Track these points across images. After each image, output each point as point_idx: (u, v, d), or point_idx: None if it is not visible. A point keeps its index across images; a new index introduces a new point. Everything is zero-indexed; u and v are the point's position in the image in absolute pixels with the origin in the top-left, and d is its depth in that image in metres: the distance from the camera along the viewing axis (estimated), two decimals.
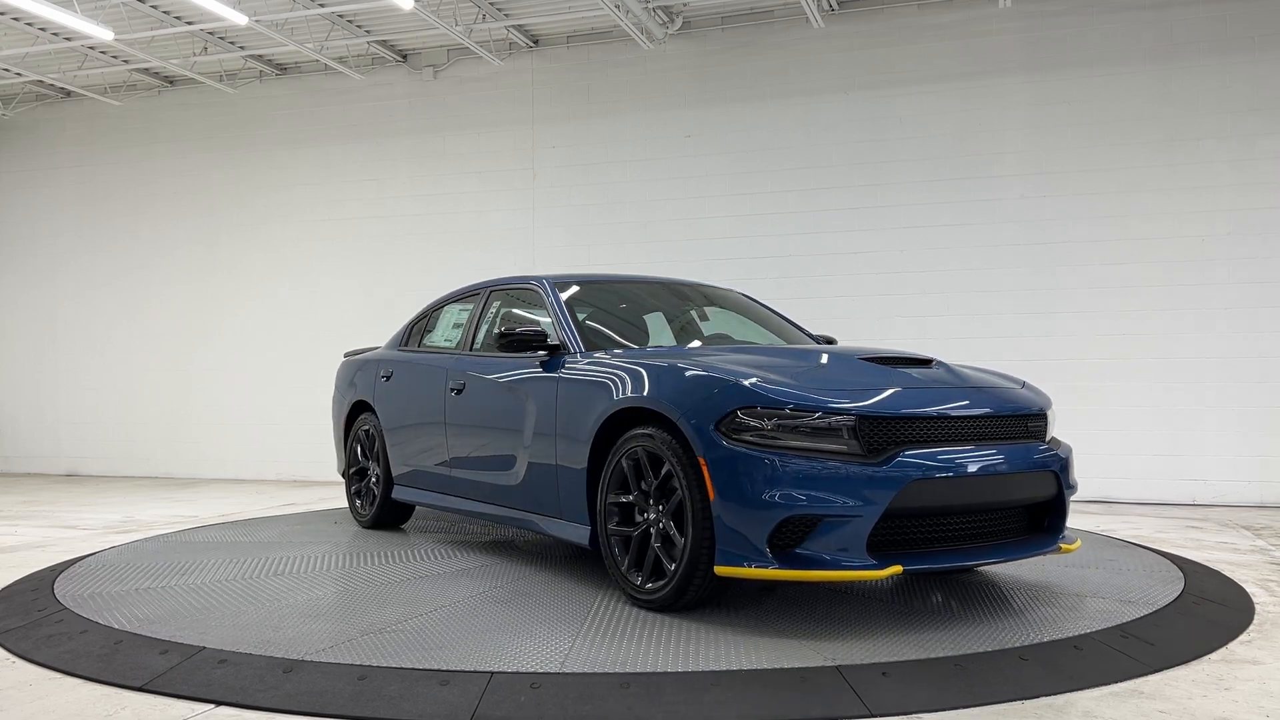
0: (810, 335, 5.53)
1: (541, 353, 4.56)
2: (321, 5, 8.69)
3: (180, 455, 10.84)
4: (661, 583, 3.73)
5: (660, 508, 3.76)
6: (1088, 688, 2.97)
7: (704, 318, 5.40)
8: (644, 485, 3.85)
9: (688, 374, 3.79)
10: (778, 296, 8.24)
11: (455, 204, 9.97)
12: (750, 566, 3.43)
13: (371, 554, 5.21)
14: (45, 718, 2.84)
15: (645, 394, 3.86)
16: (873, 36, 8.77)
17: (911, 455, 3.49)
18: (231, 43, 9.89)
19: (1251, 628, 3.72)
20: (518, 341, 4.55)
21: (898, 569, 3.43)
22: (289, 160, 10.58)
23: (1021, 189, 8.35)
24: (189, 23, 9.07)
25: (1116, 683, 3.03)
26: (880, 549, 3.46)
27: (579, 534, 4.22)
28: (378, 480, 6.00)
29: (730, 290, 5.86)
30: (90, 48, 9.77)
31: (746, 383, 3.60)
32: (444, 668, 3.11)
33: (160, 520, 7.06)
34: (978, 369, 4.42)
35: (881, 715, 2.76)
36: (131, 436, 11.06)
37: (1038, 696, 2.90)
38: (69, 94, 11.24)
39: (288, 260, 10.53)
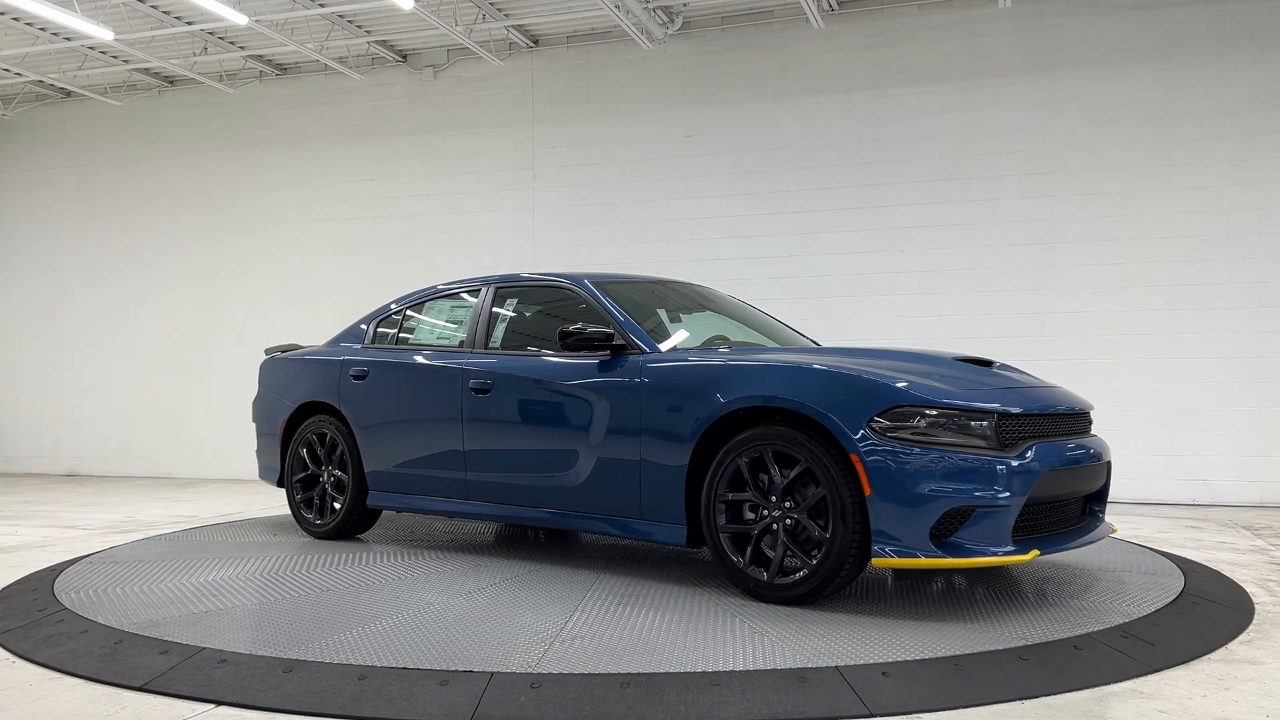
0: (809, 339, 5.55)
1: (604, 352, 4.52)
2: (321, 5, 8.70)
3: (180, 455, 10.84)
4: (798, 577, 3.81)
5: (786, 504, 3.85)
6: (1087, 688, 2.97)
7: (676, 319, 5.32)
8: (761, 483, 3.93)
9: (834, 373, 3.86)
10: (777, 296, 8.25)
11: (455, 204, 9.97)
12: (912, 557, 3.59)
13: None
14: (45, 718, 2.84)
15: (784, 393, 3.87)
16: (873, 36, 8.77)
17: (1038, 449, 3.75)
18: (231, 43, 9.89)
19: (1251, 628, 3.72)
20: (582, 341, 4.49)
21: (1036, 553, 3.66)
22: (289, 160, 10.58)
23: (1021, 189, 8.35)
24: (189, 23, 9.07)
25: (1116, 683, 3.03)
26: (1015, 535, 3.67)
27: (672, 533, 4.20)
28: (338, 486, 5.67)
29: (715, 290, 5.82)
30: (90, 48, 9.78)
31: (899, 384, 3.74)
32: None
33: (160, 520, 7.06)
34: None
35: (881, 715, 2.76)
36: (131, 436, 11.07)
37: (1037, 696, 2.89)
38: (69, 94, 11.24)
39: (287, 260, 10.53)
